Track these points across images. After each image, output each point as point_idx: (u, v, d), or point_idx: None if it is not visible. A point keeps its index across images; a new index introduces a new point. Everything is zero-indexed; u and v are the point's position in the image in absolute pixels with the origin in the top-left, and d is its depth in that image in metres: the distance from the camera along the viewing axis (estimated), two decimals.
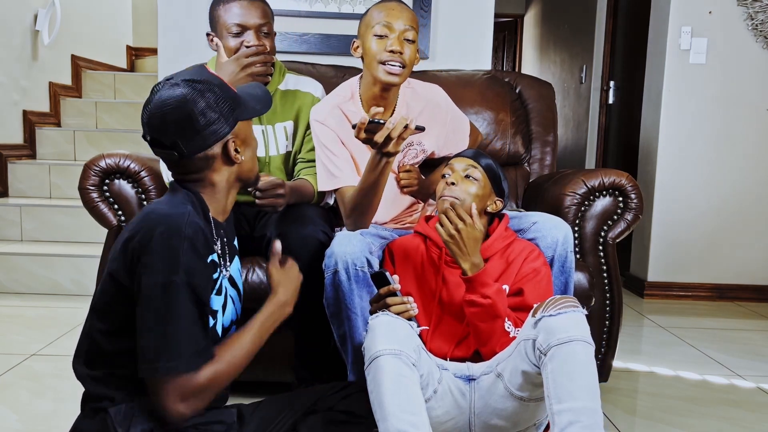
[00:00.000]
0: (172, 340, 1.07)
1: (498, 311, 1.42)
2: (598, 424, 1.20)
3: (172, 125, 1.14)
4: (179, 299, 1.08)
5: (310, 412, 1.29)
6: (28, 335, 2.44)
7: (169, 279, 1.08)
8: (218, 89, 1.18)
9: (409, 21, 1.66)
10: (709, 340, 2.66)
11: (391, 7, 1.68)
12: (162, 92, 1.16)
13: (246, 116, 1.23)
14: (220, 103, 1.17)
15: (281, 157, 1.90)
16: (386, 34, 1.65)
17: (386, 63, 1.65)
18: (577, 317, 1.27)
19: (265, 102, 1.29)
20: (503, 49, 7.39)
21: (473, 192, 1.54)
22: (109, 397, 1.16)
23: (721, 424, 1.86)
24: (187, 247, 1.10)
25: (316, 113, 1.78)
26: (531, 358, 1.30)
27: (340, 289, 1.54)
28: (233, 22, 1.72)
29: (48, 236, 3.37)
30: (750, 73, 3.31)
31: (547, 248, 1.61)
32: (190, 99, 1.14)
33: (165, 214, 1.13)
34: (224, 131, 1.18)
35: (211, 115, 1.16)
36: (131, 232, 1.13)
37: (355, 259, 1.53)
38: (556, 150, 2.40)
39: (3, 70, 3.67)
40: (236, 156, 1.21)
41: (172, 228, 1.10)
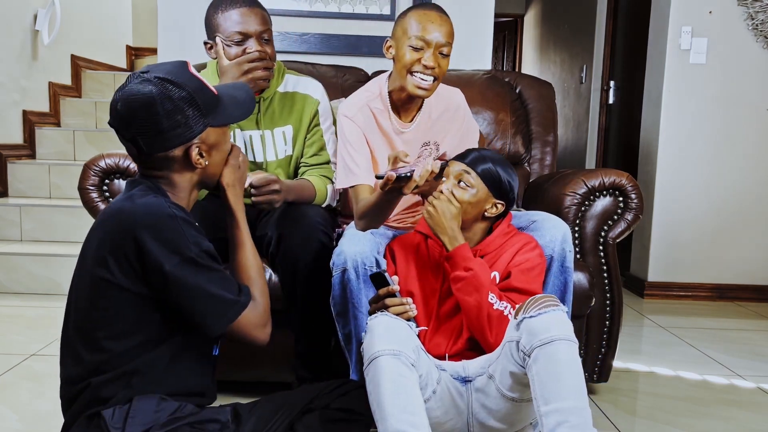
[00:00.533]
0: (219, 296, 1.17)
1: (481, 281, 1.43)
2: (586, 423, 1.20)
3: (136, 121, 1.14)
4: (203, 266, 1.15)
5: (307, 410, 1.29)
6: (28, 335, 2.44)
7: (185, 256, 1.13)
8: (192, 92, 1.17)
9: (446, 36, 1.63)
10: (709, 340, 2.66)
11: (431, 18, 1.62)
12: (132, 85, 1.15)
13: (219, 122, 1.22)
14: (190, 107, 1.16)
15: (280, 162, 1.89)
16: (422, 47, 1.62)
17: (416, 74, 1.63)
18: (558, 316, 1.27)
19: (245, 108, 1.29)
20: (503, 49, 7.39)
21: (462, 198, 1.53)
22: (103, 400, 1.16)
23: (721, 424, 1.86)
24: (182, 224, 1.14)
25: (345, 109, 1.76)
26: (516, 360, 1.30)
27: (349, 288, 1.54)
28: (234, 30, 1.70)
29: (48, 236, 3.37)
30: (750, 73, 3.31)
31: (546, 247, 1.61)
32: (157, 99, 1.13)
33: (139, 206, 1.14)
34: (189, 135, 1.18)
35: (177, 118, 1.15)
36: (114, 241, 1.13)
37: (365, 258, 1.53)
38: (556, 150, 2.40)
39: (3, 70, 3.67)
40: (199, 161, 1.21)
41: (157, 214, 1.13)
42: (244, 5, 1.72)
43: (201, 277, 1.15)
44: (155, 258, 1.11)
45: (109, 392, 1.16)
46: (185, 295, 1.15)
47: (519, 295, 1.46)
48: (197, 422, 1.17)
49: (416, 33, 1.62)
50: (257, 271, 1.30)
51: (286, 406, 1.29)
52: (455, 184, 1.54)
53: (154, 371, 1.18)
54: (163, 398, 1.18)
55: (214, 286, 1.17)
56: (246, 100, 1.29)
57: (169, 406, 1.17)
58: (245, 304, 1.21)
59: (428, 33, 1.62)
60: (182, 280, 1.13)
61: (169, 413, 1.15)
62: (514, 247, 1.55)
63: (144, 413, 1.13)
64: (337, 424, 1.29)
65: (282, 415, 1.27)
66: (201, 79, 1.21)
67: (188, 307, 1.16)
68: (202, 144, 1.20)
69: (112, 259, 1.13)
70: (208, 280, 1.16)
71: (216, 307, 1.17)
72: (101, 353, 1.16)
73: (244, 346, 1.83)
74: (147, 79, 1.15)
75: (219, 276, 1.18)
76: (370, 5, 2.76)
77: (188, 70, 1.20)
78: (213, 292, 1.16)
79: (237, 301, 1.20)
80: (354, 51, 2.76)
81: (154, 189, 1.21)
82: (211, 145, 1.22)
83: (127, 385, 1.16)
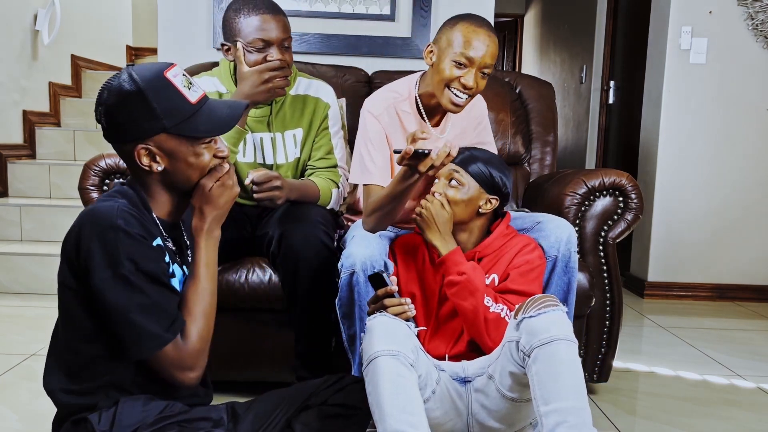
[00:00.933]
0: (139, 325, 1.10)
1: (475, 285, 1.43)
2: (585, 423, 1.20)
3: (100, 107, 1.16)
4: (133, 287, 1.10)
5: (305, 407, 1.29)
6: (28, 335, 2.44)
7: (117, 272, 1.09)
8: (147, 92, 1.13)
9: (492, 57, 1.61)
10: (709, 340, 2.66)
11: (479, 36, 1.59)
12: (114, 75, 1.17)
13: (178, 131, 1.16)
14: (141, 106, 1.14)
15: (289, 165, 1.89)
16: (465, 64, 1.60)
17: (453, 90, 1.62)
18: (558, 316, 1.27)
19: (219, 125, 1.21)
20: (503, 49, 7.39)
21: (454, 197, 1.53)
22: (90, 407, 1.15)
23: (721, 424, 1.86)
24: (122, 237, 1.10)
25: (371, 106, 1.74)
26: (516, 360, 1.30)
27: (357, 291, 1.54)
28: (257, 37, 1.68)
29: (48, 236, 3.37)
30: (750, 73, 3.31)
31: (551, 248, 1.61)
32: (116, 90, 1.14)
33: (92, 210, 1.13)
34: (137, 134, 1.15)
35: (126, 113, 1.14)
36: (66, 238, 1.13)
37: (374, 261, 1.53)
38: (556, 150, 2.40)
39: (3, 70, 3.67)
40: (149, 164, 1.17)
41: (101, 222, 1.10)
42: (267, 12, 1.70)
43: (126, 299, 1.09)
44: (87, 265, 1.10)
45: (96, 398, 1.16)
46: (107, 313, 1.11)
47: (516, 296, 1.46)
48: (186, 421, 1.16)
49: (462, 50, 1.59)
50: (203, 310, 1.19)
51: (283, 403, 1.29)
52: (446, 184, 1.55)
53: (131, 380, 1.17)
54: (150, 398, 1.17)
55: (137, 312, 1.10)
56: (224, 119, 1.21)
57: (156, 405, 1.16)
58: (165, 342, 1.13)
59: (475, 52, 1.59)
60: (106, 296, 1.09)
61: (157, 413, 1.15)
62: (514, 249, 1.55)
63: (130, 414, 1.13)
64: (335, 420, 1.29)
65: (279, 412, 1.27)
66: (174, 85, 1.16)
67: (108, 325, 1.12)
68: (154, 147, 1.16)
69: (64, 258, 1.14)
70: (136, 305, 1.10)
71: (133, 335, 1.11)
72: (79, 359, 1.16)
73: (244, 346, 1.84)
74: (124, 70, 1.17)
75: (150, 302, 1.11)
76: (370, 5, 2.76)
77: (162, 74, 1.16)
78: (133, 319, 1.10)
79: (159, 335, 1.12)
80: (354, 51, 2.76)
81: (127, 194, 1.19)
82: (168, 152, 1.17)
83: (107, 397, 1.16)
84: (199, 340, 1.17)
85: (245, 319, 1.83)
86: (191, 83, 1.19)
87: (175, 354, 1.14)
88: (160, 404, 1.17)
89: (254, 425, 1.23)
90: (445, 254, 1.48)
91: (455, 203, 1.53)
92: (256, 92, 1.67)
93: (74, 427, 1.16)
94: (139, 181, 1.22)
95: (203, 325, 1.19)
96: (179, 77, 1.18)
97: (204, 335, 1.19)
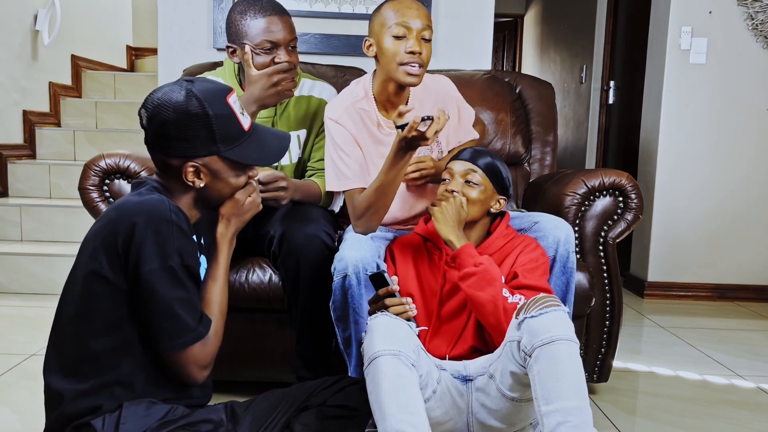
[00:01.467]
0: (181, 318, 1.15)
1: (492, 275, 1.43)
2: (587, 422, 1.20)
3: (154, 117, 1.18)
4: (179, 281, 1.15)
5: (304, 407, 1.29)
6: (28, 335, 2.44)
7: (165, 264, 1.13)
8: (212, 117, 1.17)
9: (426, 20, 1.64)
10: (709, 340, 2.66)
11: (406, 5, 1.64)
12: (172, 85, 1.19)
13: (231, 156, 1.22)
14: (203, 128, 1.17)
15: (292, 165, 1.89)
16: (404, 34, 1.62)
17: (406, 64, 1.63)
18: (560, 316, 1.27)
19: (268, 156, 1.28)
20: (503, 49, 7.39)
21: (474, 197, 1.54)
22: (92, 410, 1.15)
23: (721, 424, 1.86)
24: (176, 231, 1.14)
25: (330, 111, 1.74)
26: (517, 360, 1.30)
27: (350, 294, 1.54)
28: (264, 39, 1.68)
29: (48, 236, 3.37)
30: (750, 73, 3.31)
31: (549, 248, 1.61)
32: (178, 108, 1.16)
33: (141, 203, 1.15)
34: (190, 153, 1.19)
35: (186, 133, 1.17)
36: (108, 229, 1.14)
37: (366, 264, 1.52)
38: (556, 150, 2.40)
39: (3, 70, 3.67)
40: (193, 180, 1.21)
41: (155, 215, 1.13)
42: (274, 13, 1.70)
43: (171, 292, 1.14)
44: (139, 254, 1.12)
45: (92, 402, 1.15)
46: (150, 302, 1.14)
47: (530, 291, 1.45)
48: (189, 424, 1.16)
49: (395, 21, 1.63)
50: (219, 311, 1.27)
51: (282, 404, 1.29)
52: (464, 184, 1.55)
53: (135, 377, 1.18)
54: (152, 402, 1.17)
55: (180, 306, 1.15)
56: (273, 151, 1.29)
57: (159, 409, 1.16)
58: (200, 337, 1.19)
59: (408, 18, 1.63)
60: (153, 287, 1.13)
61: (160, 417, 1.15)
62: (516, 249, 1.56)
63: (134, 418, 1.13)
64: (335, 421, 1.29)
65: (279, 413, 1.27)
66: (233, 110, 1.21)
67: (148, 315, 1.15)
68: (202, 166, 1.21)
69: (103, 248, 1.14)
70: (177, 298, 1.15)
71: (174, 327, 1.16)
72: (85, 354, 1.16)
73: (244, 346, 1.84)
74: (183, 86, 1.18)
75: (188, 297, 1.17)
76: (370, 5, 2.76)
77: (225, 98, 1.20)
78: (176, 312, 1.15)
79: (195, 329, 1.18)
80: (354, 51, 2.76)
81: (161, 190, 1.22)
82: (213, 172, 1.22)
83: (111, 395, 1.16)
84: (216, 340, 1.24)
85: (245, 319, 1.83)
86: (243, 109, 1.25)
87: (200, 351, 1.19)
88: (163, 408, 1.17)
89: (253, 425, 1.24)
90: (458, 248, 1.47)
91: (473, 203, 1.54)
92: (266, 95, 1.67)
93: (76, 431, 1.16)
94: (168, 186, 1.24)
95: (218, 326, 1.26)
96: (237, 103, 1.23)
97: (220, 335, 1.26)
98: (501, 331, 1.41)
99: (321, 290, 1.65)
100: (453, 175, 1.57)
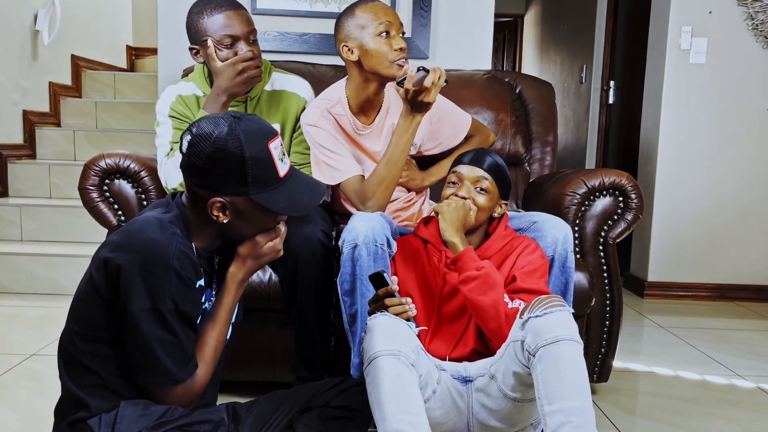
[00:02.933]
0: (160, 360, 1.14)
1: (495, 280, 1.43)
2: (589, 423, 1.20)
3: (193, 144, 1.16)
4: (167, 325, 1.13)
5: (306, 408, 1.29)
6: (28, 335, 2.44)
7: (155, 306, 1.10)
8: (249, 160, 1.15)
9: (397, 17, 1.72)
10: (709, 340, 2.66)
11: (379, 6, 1.71)
12: (216, 117, 1.17)
13: (259, 201, 1.18)
14: (237, 169, 1.15)
15: None
16: (388, 29, 1.68)
17: (396, 60, 1.69)
18: (564, 316, 1.27)
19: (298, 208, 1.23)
20: (503, 49, 7.39)
21: (483, 205, 1.54)
22: (83, 407, 1.16)
23: (721, 424, 1.86)
24: (173, 278, 1.11)
25: (307, 118, 1.79)
26: (521, 359, 1.30)
27: (358, 265, 1.53)
28: (224, 34, 1.71)
29: (48, 236, 3.37)
30: (750, 73, 3.31)
31: (547, 248, 1.61)
32: (225, 150, 1.14)
33: (152, 239, 1.12)
34: (218, 189, 1.17)
35: (217, 169, 1.15)
36: (115, 251, 1.12)
37: (377, 235, 1.53)
38: (556, 150, 2.40)
39: (3, 70, 3.67)
40: (217, 215, 1.19)
41: (157, 257, 1.10)
42: (230, 8, 1.73)
43: (157, 333, 1.12)
44: (129, 291, 1.10)
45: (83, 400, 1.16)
46: (132, 338, 1.13)
47: (529, 295, 1.45)
48: (187, 424, 1.16)
49: (377, 21, 1.69)
50: (213, 353, 1.25)
51: (284, 405, 1.29)
52: (474, 190, 1.55)
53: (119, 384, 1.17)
54: (150, 402, 1.17)
55: (162, 348, 1.13)
56: (304, 203, 1.24)
57: (157, 409, 1.16)
58: (177, 382, 1.16)
59: (388, 17, 1.70)
60: (139, 325, 1.11)
61: (157, 416, 1.15)
62: (515, 251, 1.55)
63: (131, 418, 1.13)
64: (336, 422, 1.29)
65: (281, 414, 1.27)
66: (272, 156, 1.18)
67: (130, 347, 1.14)
68: (229, 203, 1.18)
69: (104, 268, 1.13)
70: (161, 341, 1.13)
71: (151, 367, 1.14)
72: (75, 353, 1.17)
73: (244, 346, 1.84)
74: (227, 122, 1.16)
75: (175, 342, 1.14)
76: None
77: (267, 142, 1.18)
78: (157, 354, 1.13)
79: (173, 374, 1.15)
80: None
81: (183, 224, 1.20)
82: (239, 211, 1.19)
83: (101, 397, 1.16)
84: (204, 382, 1.22)
85: (245, 319, 1.82)
86: (284, 155, 1.22)
87: (182, 393, 1.18)
88: (160, 408, 1.16)
89: (255, 426, 1.24)
90: (460, 251, 1.47)
91: (482, 210, 1.54)
92: (233, 84, 1.70)
93: (70, 428, 1.16)
94: (192, 213, 1.22)
95: (210, 368, 1.24)
96: (278, 149, 1.20)
97: (208, 377, 1.23)
98: (501, 336, 1.41)
99: (319, 290, 1.65)
100: (462, 179, 1.56)
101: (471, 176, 1.56)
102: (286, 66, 2.24)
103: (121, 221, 1.87)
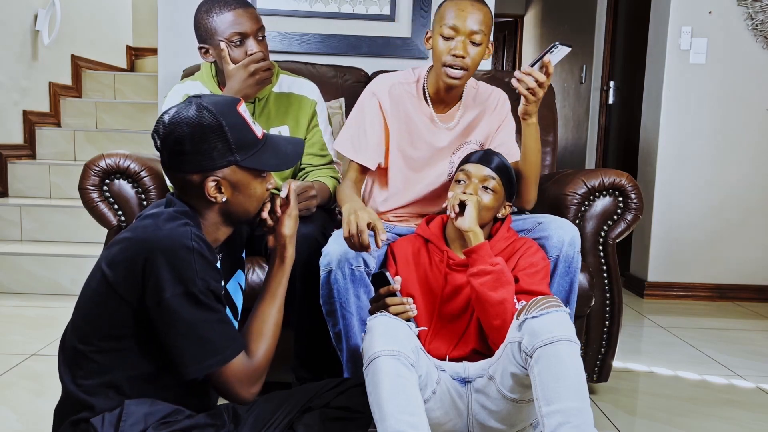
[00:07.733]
0: (208, 341, 1.14)
1: (507, 278, 1.43)
2: (587, 423, 1.20)
3: (168, 137, 1.18)
4: (204, 305, 1.13)
5: (307, 409, 1.29)
6: (28, 335, 2.44)
7: (188, 290, 1.11)
8: (226, 126, 1.17)
9: (478, 23, 1.61)
10: (709, 340, 2.66)
11: (462, 6, 1.61)
12: (181, 106, 1.19)
13: (249, 164, 1.21)
14: (219, 139, 1.17)
15: None
16: (452, 36, 1.61)
17: (449, 65, 1.63)
18: (561, 317, 1.27)
19: (286, 160, 1.27)
20: (503, 49, 7.39)
21: (488, 204, 1.54)
22: (87, 407, 1.15)
23: (721, 424, 1.86)
24: (197, 258, 1.12)
25: (374, 85, 1.78)
26: (518, 361, 1.30)
27: (335, 289, 1.54)
28: (233, 32, 1.70)
29: (48, 236, 3.37)
30: (750, 73, 3.31)
31: (553, 248, 1.60)
32: (190, 122, 1.16)
33: (167, 229, 1.14)
34: (209, 166, 1.18)
35: (202, 146, 1.16)
36: (133, 248, 1.13)
37: (351, 258, 1.52)
38: (556, 150, 2.40)
39: (3, 70, 3.67)
40: (215, 195, 1.20)
41: (176, 243, 1.12)
42: (239, 6, 1.72)
43: (197, 315, 1.12)
44: (159, 283, 1.10)
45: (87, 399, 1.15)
46: (174, 328, 1.12)
47: (531, 297, 1.44)
48: (190, 427, 1.16)
49: (447, 20, 1.62)
50: (272, 328, 1.26)
51: (285, 406, 1.29)
52: (481, 189, 1.55)
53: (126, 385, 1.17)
54: (155, 401, 1.17)
55: (206, 328, 1.13)
56: (290, 155, 1.28)
57: (162, 409, 1.16)
58: (229, 358, 1.16)
59: (459, 20, 1.61)
60: (178, 312, 1.11)
61: (161, 417, 1.14)
62: (517, 252, 1.56)
63: (135, 418, 1.12)
64: (337, 423, 1.29)
65: (281, 414, 1.27)
66: (245, 119, 1.21)
67: (172, 341, 1.13)
68: (222, 179, 1.19)
69: (124, 268, 1.13)
70: (203, 320, 1.13)
71: (199, 350, 1.13)
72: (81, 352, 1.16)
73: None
74: (192, 102, 1.18)
75: (216, 319, 1.15)
76: (370, 5, 2.76)
77: (235, 107, 1.20)
78: (202, 334, 1.13)
79: (223, 350, 1.15)
80: (354, 51, 2.76)
81: (188, 216, 1.20)
82: (234, 184, 1.21)
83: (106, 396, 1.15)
84: (265, 358, 1.23)
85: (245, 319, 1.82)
86: (253, 118, 1.25)
87: (242, 370, 1.18)
88: (166, 408, 1.16)
89: (255, 426, 1.23)
90: (480, 242, 1.46)
91: (486, 210, 1.54)
92: (246, 86, 1.70)
93: (73, 427, 1.16)
94: (193, 206, 1.23)
95: (269, 344, 1.25)
96: (247, 112, 1.22)
97: (270, 353, 1.24)
98: (503, 334, 1.41)
99: (316, 291, 1.65)
100: (470, 177, 1.56)
101: (479, 175, 1.56)
102: (287, 66, 2.24)
103: (121, 221, 1.87)
